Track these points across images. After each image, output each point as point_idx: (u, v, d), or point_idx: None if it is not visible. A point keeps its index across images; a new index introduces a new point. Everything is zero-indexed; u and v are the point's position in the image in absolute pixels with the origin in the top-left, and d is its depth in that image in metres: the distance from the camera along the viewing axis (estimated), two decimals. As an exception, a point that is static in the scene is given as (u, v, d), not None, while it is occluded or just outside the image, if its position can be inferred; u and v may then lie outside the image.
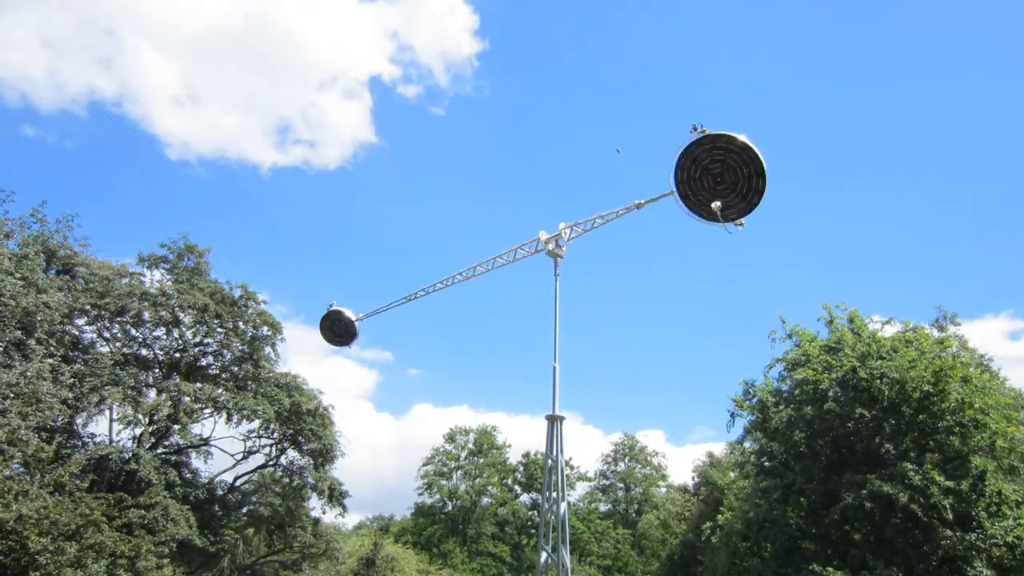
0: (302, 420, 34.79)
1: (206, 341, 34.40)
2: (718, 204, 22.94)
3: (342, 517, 38.94)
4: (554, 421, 23.14)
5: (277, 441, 36.30)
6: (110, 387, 27.90)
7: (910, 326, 29.84)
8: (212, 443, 34.42)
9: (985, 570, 21.90)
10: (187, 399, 30.98)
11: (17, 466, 22.18)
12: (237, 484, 37.93)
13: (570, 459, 67.19)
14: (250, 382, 34.09)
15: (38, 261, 25.79)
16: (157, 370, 33.01)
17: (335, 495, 36.22)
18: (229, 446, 36.39)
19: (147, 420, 30.00)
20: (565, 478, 23.62)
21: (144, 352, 33.02)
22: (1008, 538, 22.22)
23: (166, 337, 33.48)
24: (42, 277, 25.80)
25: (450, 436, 68.41)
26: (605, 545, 63.75)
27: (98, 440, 29.86)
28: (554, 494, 22.38)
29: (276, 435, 35.74)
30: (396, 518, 77.65)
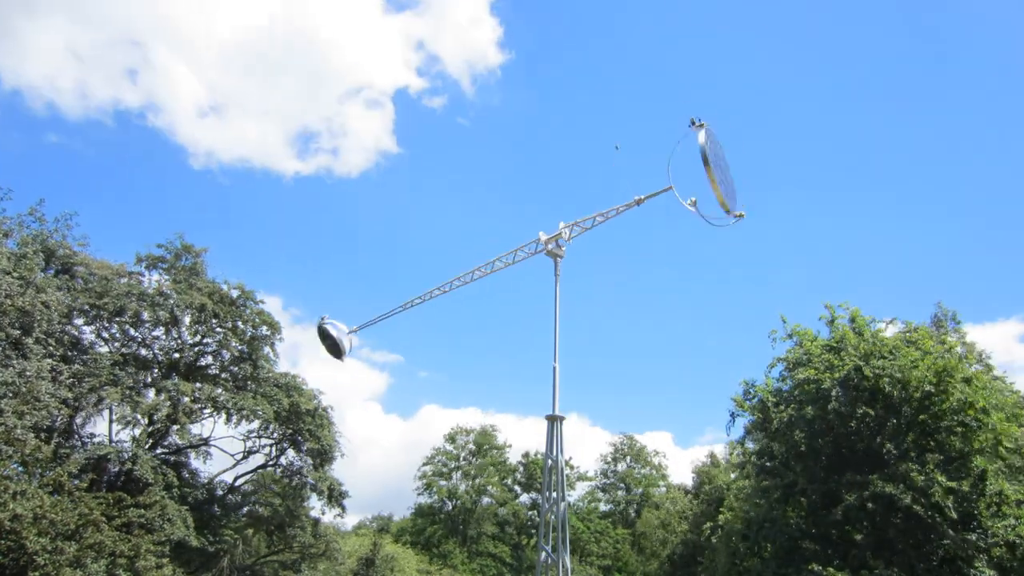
0: (301, 420, 34.75)
1: (205, 341, 34.41)
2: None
3: (341, 517, 39.06)
4: (554, 421, 23.09)
5: (276, 441, 36.26)
6: (109, 387, 27.86)
7: (912, 326, 29.80)
8: (211, 443, 34.37)
9: (986, 570, 21.90)
10: (186, 399, 30.95)
11: (16, 466, 22.11)
12: (236, 484, 37.91)
13: (570, 459, 67.33)
14: (249, 382, 34.09)
15: (37, 260, 25.71)
16: (156, 370, 32.94)
17: (335, 495, 36.18)
18: (228, 446, 36.37)
19: (146, 420, 29.93)
20: (565, 478, 23.56)
21: (143, 352, 32.98)
22: (1009, 538, 22.21)
23: (165, 337, 33.45)
24: (41, 276, 25.70)
25: (450, 436, 68.43)
26: (605, 545, 63.78)
27: (97, 440, 29.84)
28: (554, 494, 22.32)
29: (275, 435, 35.68)
30: (396, 518, 77.71)
